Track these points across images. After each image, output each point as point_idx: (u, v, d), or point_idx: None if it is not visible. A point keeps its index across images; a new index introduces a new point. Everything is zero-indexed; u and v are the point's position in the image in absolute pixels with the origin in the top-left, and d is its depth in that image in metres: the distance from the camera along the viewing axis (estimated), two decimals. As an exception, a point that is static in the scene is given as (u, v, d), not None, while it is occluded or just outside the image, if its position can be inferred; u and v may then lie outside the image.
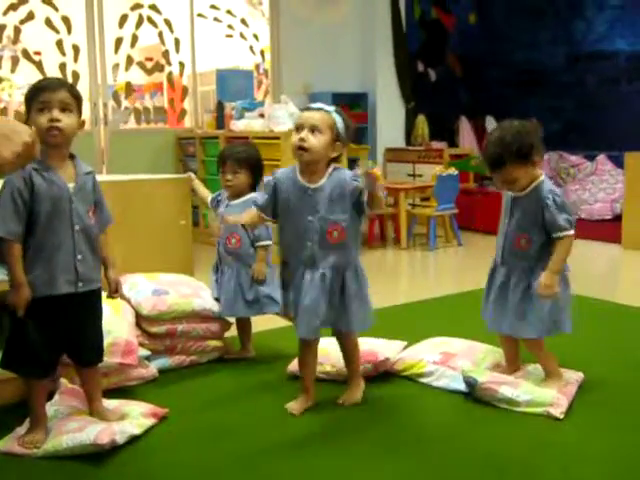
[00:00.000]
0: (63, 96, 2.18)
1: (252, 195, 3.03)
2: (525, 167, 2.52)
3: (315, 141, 2.40)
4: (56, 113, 2.16)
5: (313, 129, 2.40)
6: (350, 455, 2.25)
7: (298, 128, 2.43)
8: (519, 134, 2.50)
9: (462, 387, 2.70)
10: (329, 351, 2.98)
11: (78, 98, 2.25)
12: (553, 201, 2.51)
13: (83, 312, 2.31)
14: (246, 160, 3.08)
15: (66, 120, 2.18)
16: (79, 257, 2.24)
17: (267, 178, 2.55)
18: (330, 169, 2.50)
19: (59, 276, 2.21)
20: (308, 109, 2.48)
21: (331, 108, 2.47)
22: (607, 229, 6.74)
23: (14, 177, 2.14)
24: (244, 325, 3.24)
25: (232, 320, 3.22)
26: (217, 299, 3.15)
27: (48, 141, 2.18)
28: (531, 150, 2.50)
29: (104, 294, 2.40)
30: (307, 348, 2.63)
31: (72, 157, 2.29)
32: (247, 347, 3.23)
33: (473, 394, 2.64)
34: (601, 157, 7.73)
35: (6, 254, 2.15)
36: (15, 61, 6.53)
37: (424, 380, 2.84)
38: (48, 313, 2.22)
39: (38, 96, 2.17)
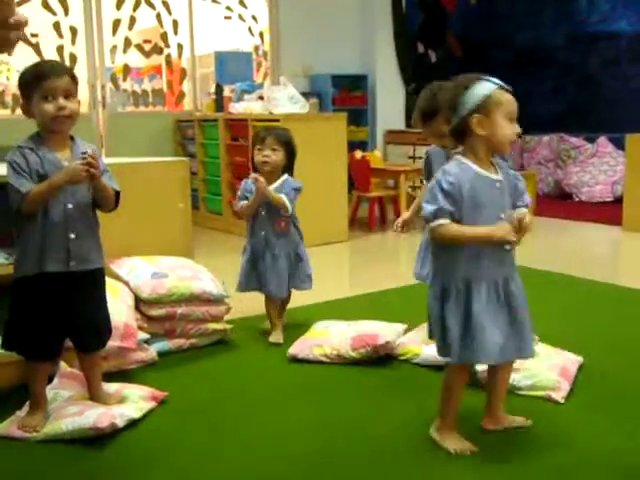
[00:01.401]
0: (66, 82, 2.18)
1: (286, 177, 3.20)
2: None
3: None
4: (62, 101, 2.16)
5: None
6: (350, 440, 2.25)
7: (512, 117, 2.00)
8: (450, 87, 2.38)
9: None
10: (329, 333, 2.98)
11: (77, 81, 2.25)
12: None
13: (81, 293, 2.28)
14: (285, 140, 3.20)
15: (71, 106, 2.19)
16: (72, 236, 2.21)
17: (440, 178, 2.00)
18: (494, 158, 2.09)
19: (49, 254, 2.19)
20: (502, 88, 2.02)
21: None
22: (608, 211, 6.72)
23: (13, 154, 2.16)
24: (275, 303, 3.29)
25: (231, 304, 3.21)
26: (256, 288, 3.23)
27: (54, 129, 2.20)
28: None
29: None
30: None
31: (72, 139, 2.28)
32: (278, 322, 3.27)
33: (474, 380, 2.62)
34: (602, 139, 7.70)
35: (30, 199, 2.12)
36: (12, 43, 6.47)
37: (421, 360, 2.82)
38: (41, 292, 2.21)
39: (41, 83, 2.15)
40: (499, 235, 1.96)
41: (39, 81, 2.15)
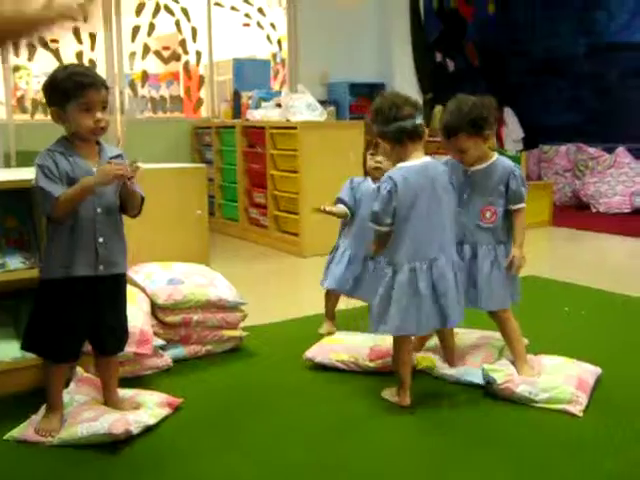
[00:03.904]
0: (104, 95, 2.22)
1: None
2: (476, 139, 2.63)
3: None
4: (99, 114, 2.20)
5: None
6: (362, 450, 2.24)
7: None
8: (475, 106, 2.61)
9: (476, 379, 2.67)
10: (346, 341, 2.98)
11: (109, 91, 2.30)
12: (519, 173, 2.68)
13: (106, 297, 2.31)
14: None
15: (106, 118, 2.23)
16: (100, 240, 2.24)
17: None
18: None
19: (79, 258, 2.22)
20: None
21: None
22: (625, 222, 6.67)
23: (43, 158, 2.18)
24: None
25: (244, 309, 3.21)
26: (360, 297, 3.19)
27: (88, 138, 2.24)
28: (484, 123, 2.60)
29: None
30: None
31: (97, 143, 2.31)
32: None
33: (490, 391, 2.61)
34: (620, 150, 7.65)
35: (62, 204, 2.14)
36: (32, 49, 6.53)
37: (439, 372, 2.81)
38: (68, 295, 2.23)
39: (82, 94, 2.17)
40: None
41: (80, 91, 2.17)
